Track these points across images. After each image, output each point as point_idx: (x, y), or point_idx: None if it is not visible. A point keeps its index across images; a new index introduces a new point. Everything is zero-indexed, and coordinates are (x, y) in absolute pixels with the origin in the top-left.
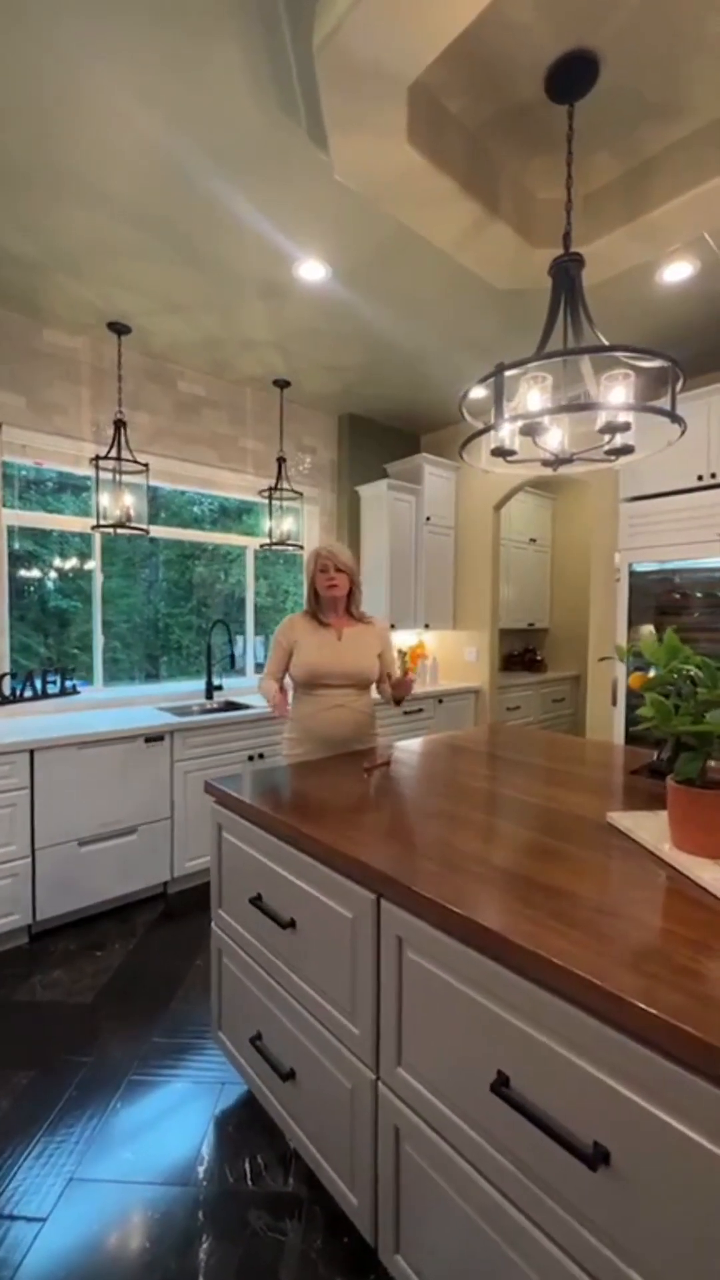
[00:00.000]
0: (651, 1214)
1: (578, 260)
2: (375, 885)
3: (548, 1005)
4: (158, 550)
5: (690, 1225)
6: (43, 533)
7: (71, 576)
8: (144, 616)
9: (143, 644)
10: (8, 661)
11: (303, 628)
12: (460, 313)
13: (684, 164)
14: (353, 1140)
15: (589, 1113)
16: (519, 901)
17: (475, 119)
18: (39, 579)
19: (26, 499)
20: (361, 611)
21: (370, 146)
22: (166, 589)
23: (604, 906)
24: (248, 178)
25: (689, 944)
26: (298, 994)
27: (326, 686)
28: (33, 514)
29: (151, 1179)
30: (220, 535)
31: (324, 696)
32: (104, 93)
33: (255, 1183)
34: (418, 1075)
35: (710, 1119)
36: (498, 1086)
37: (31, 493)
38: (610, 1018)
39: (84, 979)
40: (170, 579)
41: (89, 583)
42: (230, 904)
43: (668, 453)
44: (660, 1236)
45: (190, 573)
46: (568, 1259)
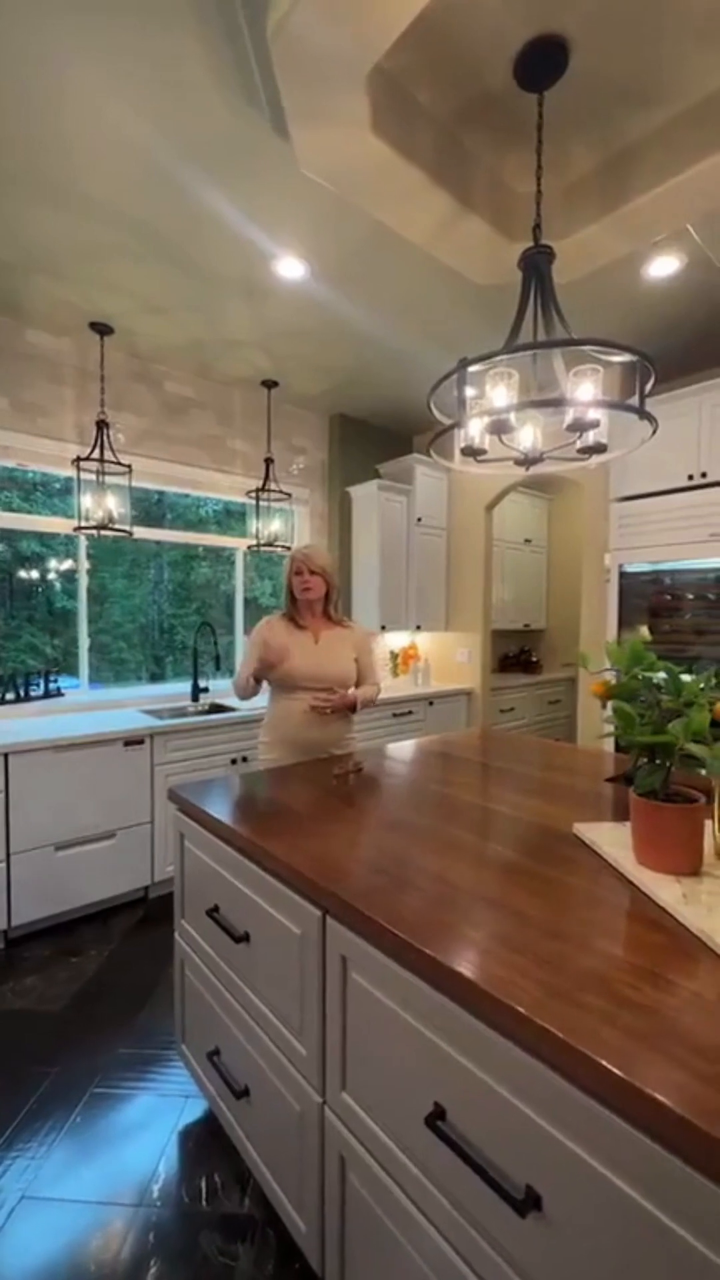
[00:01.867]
0: (581, 1264)
1: (547, 253)
2: (321, 901)
3: (482, 1037)
4: (163, 552)
5: (619, 1278)
6: (50, 535)
7: (75, 578)
8: (149, 618)
9: (148, 645)
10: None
11: (279, 629)
12: (444, 311)
13: (661, 152)
14: (301, 1165)
15: (523, 1154)
16: (464, 922)
17: (444, 109)
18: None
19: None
20: (340, 615)
21: (333, 138)
22: (172, 591)
23: (554, 928)
24: (219, 174)
25: (636, 972)
26: (252, 1010)
27: (302, 689)
28: (16, 515)
29: (104, 1198)
30: (209, 537)
31: (298, 700)
32: (76, 91)
33: (210, 1203)
34: (361, 1102)
35: (641, 1170)
36: (433, 1119)
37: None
38: (542, 1055)
39: (56, 986)
40: (175, 580)
41: (92, 582)
42: (191, 915)
43: (658, 452)
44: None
45: (194, 574)
46: None
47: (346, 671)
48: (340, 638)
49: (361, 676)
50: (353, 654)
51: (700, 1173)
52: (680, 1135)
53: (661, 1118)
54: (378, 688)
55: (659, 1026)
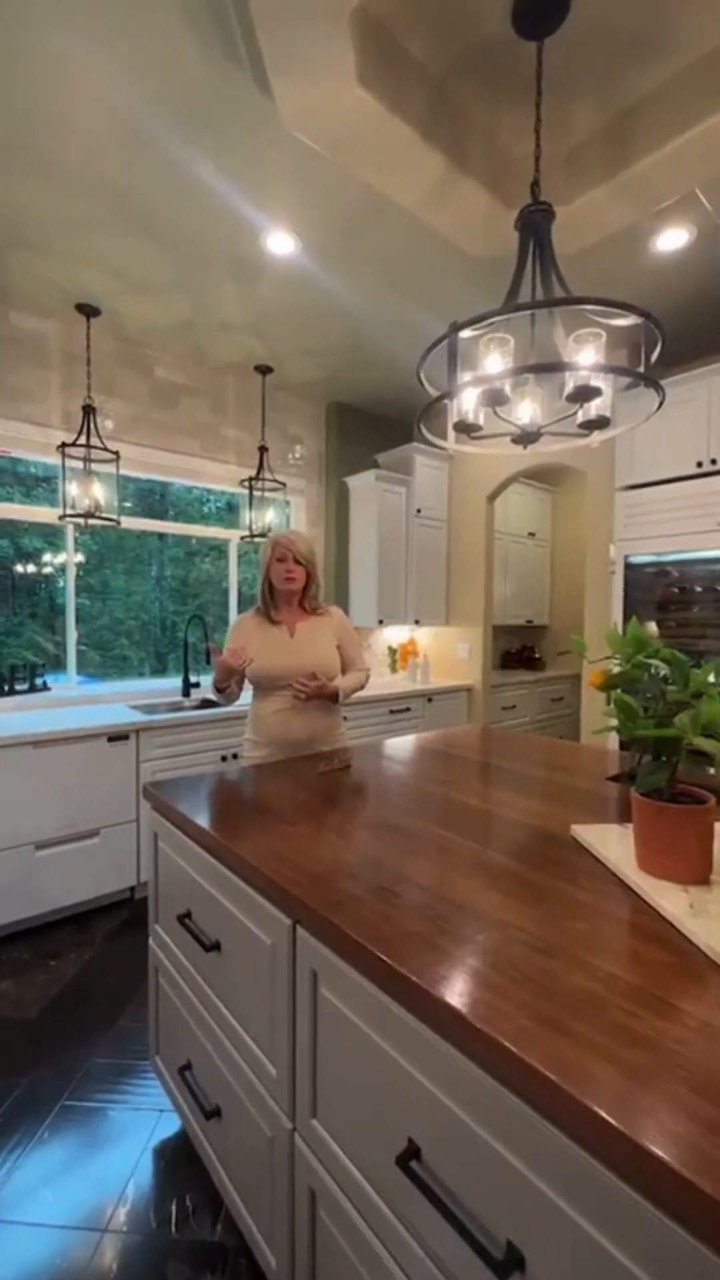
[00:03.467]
0: None
1: (546, 210)
2: (292, 909)
3: (460, 1070)
4: (165, 548)
5: None
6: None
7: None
8: (151, 615)
9: (149, 642)
10: None
11: (252, 628)
12: (440, 289)
13: (666, 110)
14: (272, 1195)
15: (505, 1206)
16: (445, 935)
17: (436, 60)
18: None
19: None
20: (316, 603)
21: (317, 89)
22: (174, 587)
23: (545, 943)
24: (201, 137)
25: (636, 996)
26: (223, 1024)
27: (281, 688)
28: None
29: (68, 1222)
30: (201, 528)
31: (280, 697)
32: (43, 46)
33: (180, 1229)
34: (333, 1131)
35: (638, 1237)
36: (405, 1159)
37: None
38: (527, 1094)
39: (32, 991)
40: (178, 577)
41: (95, 578)
42: (165, 920)
43: (664, 438)
44: None
45: (196, 571)
46: None
47: (329, 661)
48: (318, 626)
49: (346, 663)
50: (334, 641)
51: (707, 1245)
52: (683, 1199)
53: (662, 1177)
54: (365, 673)
55: (661, 1063)
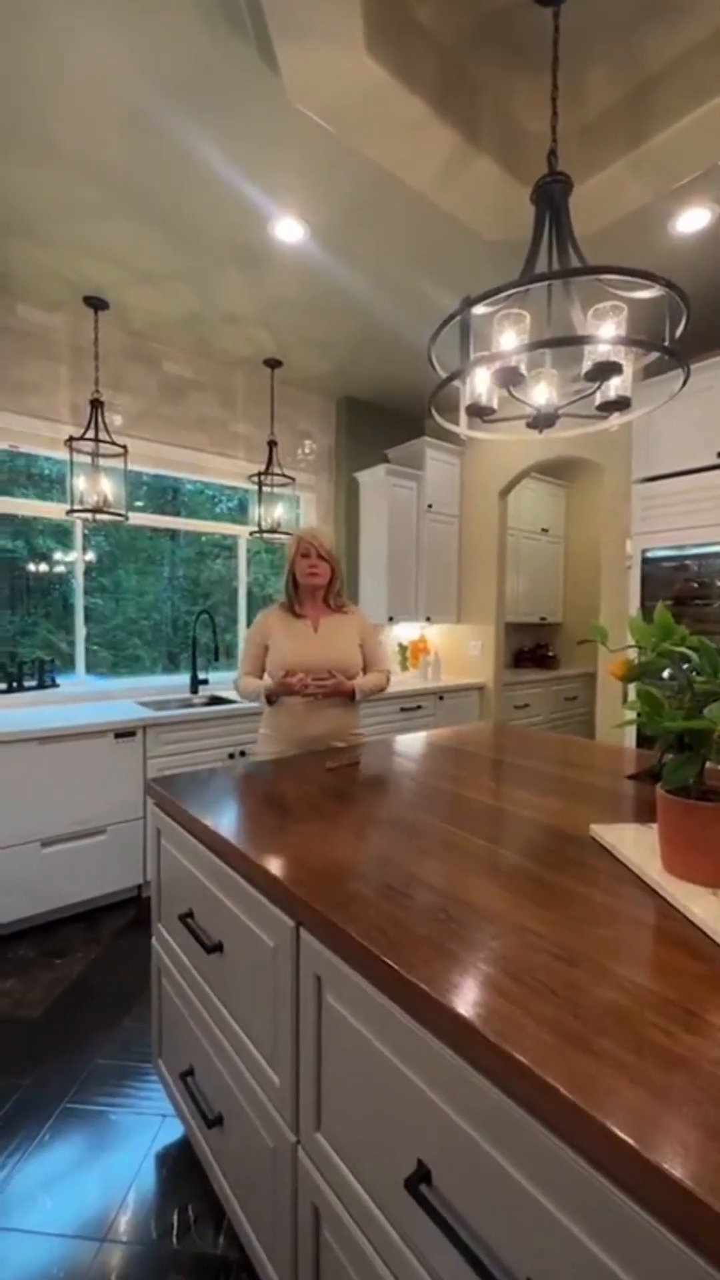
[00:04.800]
0: None
1: (563, 181)
2: (295, 911)
3: (474, 1087)
4: (177, 548)
5: None
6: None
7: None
8: (163, 614)
9: (161, 641)
10: None
11: (277, 622)
12: (452, 276)
13: (686, 79)
14: (274, 1209)
15: (524, 1240)
16: (457, 941)
17: (448, 28)
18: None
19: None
20: (341, 600)
21: (323, 59)
22: (186, 587)
23: (566, 950)
24: (205, 118)
25: (665, 1009)
26: (225, 1029)
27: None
28: (3, 499)
29: (66, 1230)
30: (210, 524)
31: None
32: (44, 26)
33: (181, 1240)
34: (337, 1146)
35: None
36: (414, 1182)
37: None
38: (546, 1116)
39: (37, 990)
40: (190, 577)
41: (108, 578)
42: (168, 919)
43: (684, 428)
44: None
45: (207, 571)
46: None
47: (351, 659)
48: (342, 624)
49: (369, 663)
50: (357, 640)
51: None
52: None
53: (697, 1215)
54: (386, 674)
55: (694, 1085)
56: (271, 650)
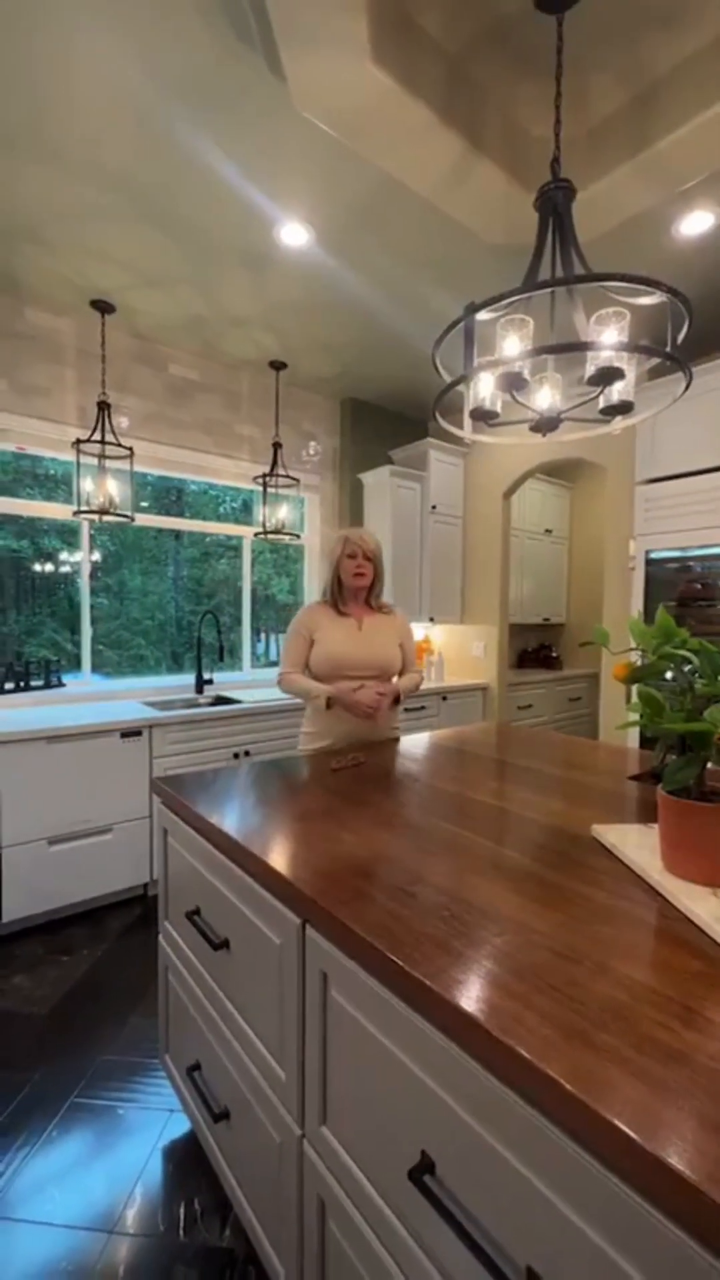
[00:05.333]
0: None
1: (566, 189)
2: (301, 908)
3: (478, 1080)
4: (181, 548)
5: None
6: (69, 528)
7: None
8: (167, 614)
9: (166, 641)
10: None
11: (323, 617)
12: (456, 280)
13: (691, 85)
14: (280, 1202)
15: (525, 1228)
16: (461, 938)
17: (453, 36)
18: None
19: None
20: (381, 602)
21: (329, 67)
22: (190, 587)
23: (568, 948)
24: (210, 122)
25: (666, 1006)
26: (231, 1025)
27: (348, 678)
28: (10, 500)
29: (74, 1222)
30: (215, 525)
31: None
32: (50, 32)
33: (188, 1233)
34: (343, 1140)
35: (669, 1268)
36: (418, 1173)
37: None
38: (548, 1109)
39: (45, 986)
40: (194, 577)
41: (112, 578)
42: (174, 916)
43: (688, 430)
44: None
45: (212, 571)
46: None
47: (392, 658)
48: (383, 624)
49: (405, 664)
50: (397, 640)
51: None
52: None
53: (699, 1207)
54: (420, 675)
55: (694, 1080)
56: (318, 645)
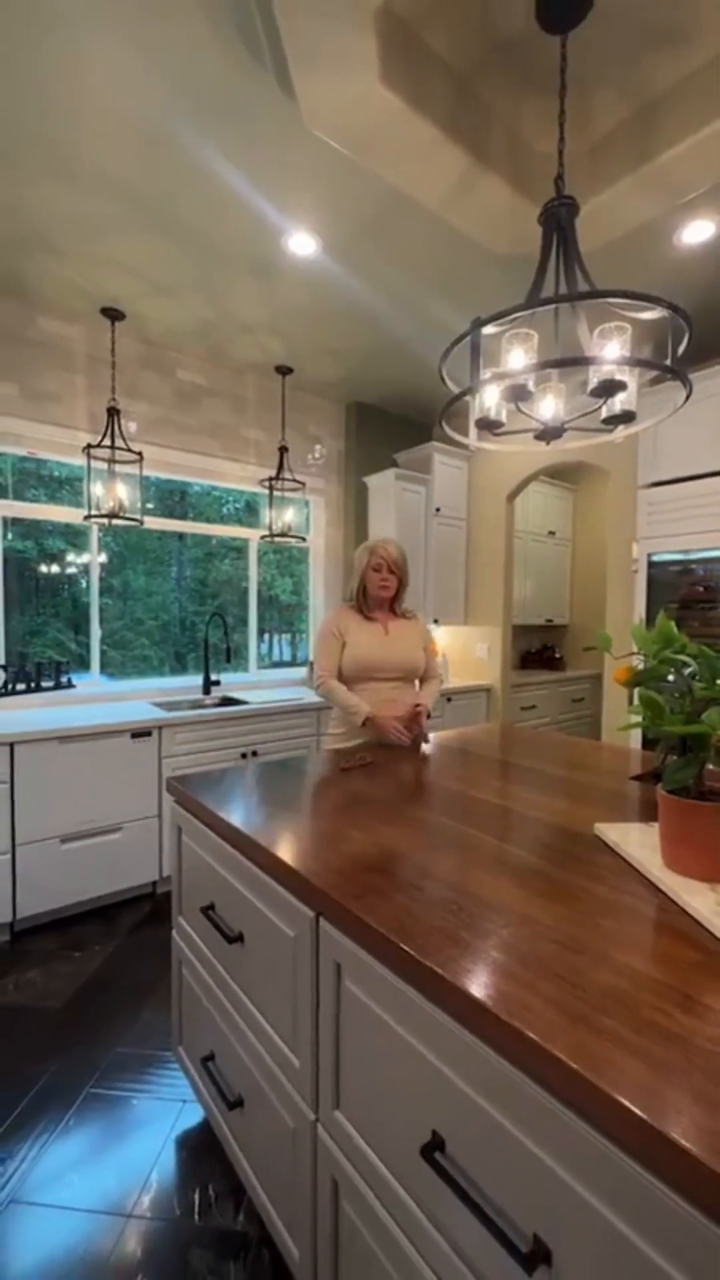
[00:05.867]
0: None
1: (570, 205)
2: (315, 902)
3: (486, 1062)
4: (184, 549)
5: None
6: (74, 529)
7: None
8: (170, 614)
9: (170, 642)
10: (1, 654)
11: (351, 621)
12: (462, 288)
13: (693, 100)
14: (294, 1185)
15: (531, 1199)
16: (469, 930)
17: (459, 55)
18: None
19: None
20: (405, 608)
21: (339, 87)
22: (193, 587)
23: (571, 940)
24: (222, 137)
25: (664, 993)
26: (245, 1015)
27: (375, 680)
28: (24, 504)
29: (93, 1206)
30: (221, 527)
31: (371, 690)
32: (66, 49)
33: (203, 1217)
34: (355, 1122)
35: (669, 1234)
36: (429, 1150)
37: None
38: (553, 1087)
39: (58, 981)
40: (197, 578)
41: (116, 579)
42: (188, 912)
43: (689, 435)
44: None
45: (215, 571)
46: None
47: (416, 661)
48: (407, 629)
49: (427, 669)
50: (421, 644)
51: None
52: (714, 1194)
53: (693, 1172)
54: (440, 681)
55: (691, 1060)
56: (348, 648)
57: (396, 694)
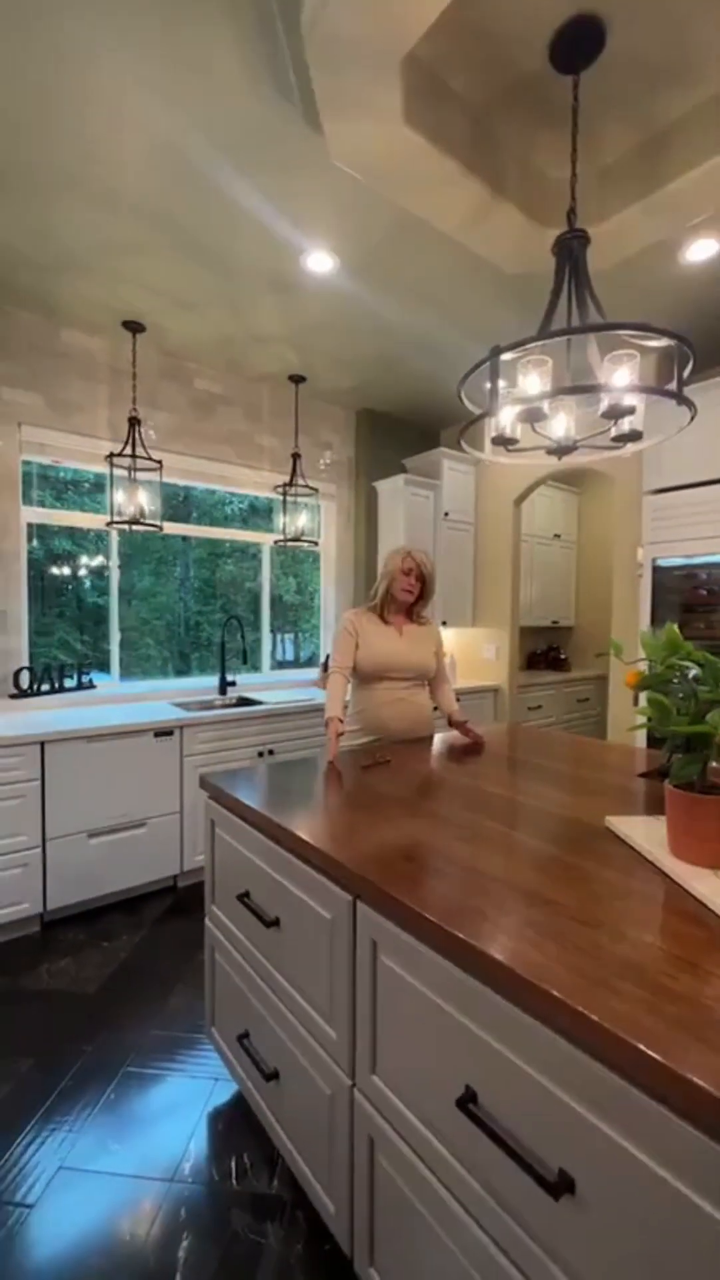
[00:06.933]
0: (615, 1246)
1: (582, 237)
2: (353, 886)
3: (516, 1021)
4: (189, 549)
5: (653, 1262)
6: (81, 532)
7: (106, 575)
8: (176, 615)
9: (175, 641)
10: (26, 656)
11: (367, 622)
12: (472, 302)
13: (699, 133)
14: (330, 1146)
15: (556, 1137)
16: (496, 909)
17: (477, 95)
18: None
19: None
20: (422, 615)
21: (366, 129)
22: (198, 588)
23: (587, 917)
24: (248, 167)
25: (672, 961)
26: (281, 994)
27: (388, 679)
28: (50, 511)
29: (138, 1172)
30: (237, 532)
31: (385, 689)
32: (101, 85)
33: (239, 1182)
34: (391, 1084)
35: (678, 1154)
36: (464, 1102)
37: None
38: (577, 1038)
39: (90, 969)
40: (201, 578)
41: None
42: (222, 900)
43: (693, 443)
44: (623, 1271)
45: (219, 571)
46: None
47: (427, 664)
48: (421, 633)
49: (439, 673)
50: (432, 649)
51: None
52: (718, 1117)
53: (699, 1100)
54: (450, 685)
55: (699, 1015)
56: (363, 648)
57: (407, 694)
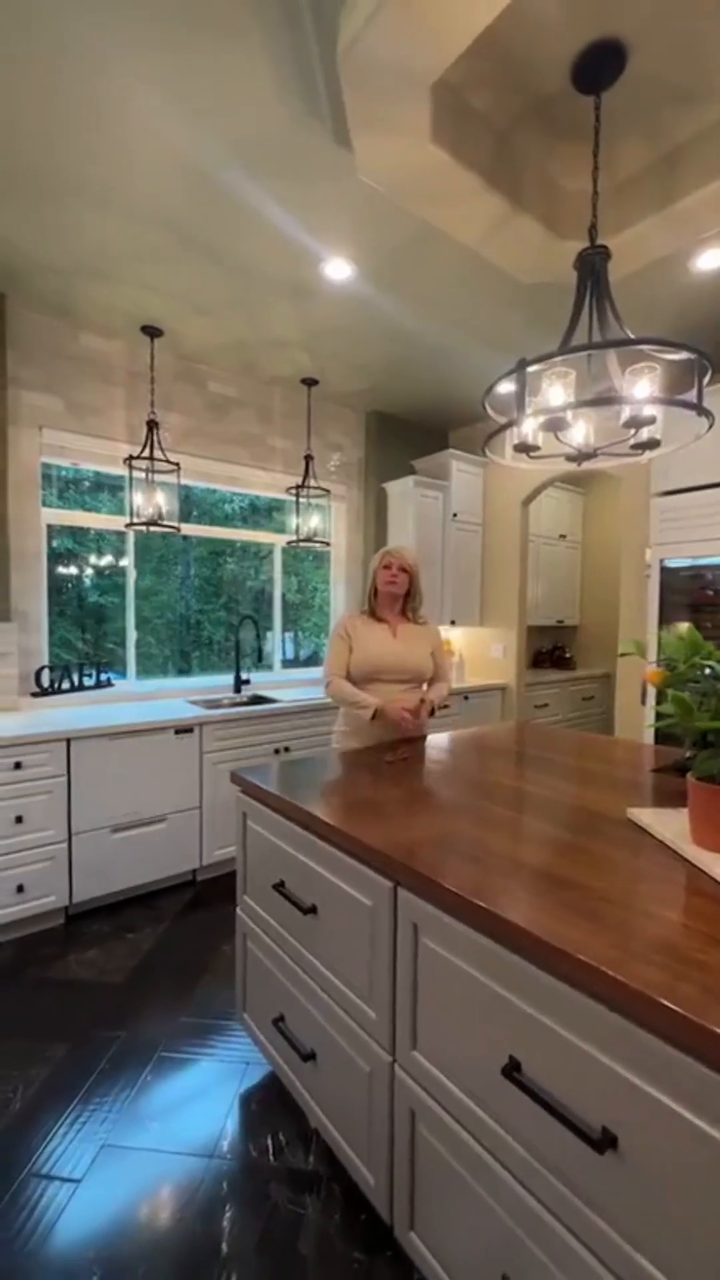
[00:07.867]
0: (658, 1198)
1: (603, 253)
2: (393, 874)
3: (558, 992)
4: (190, 548)
5: (695, 1210)
6: (82, 531)
7: (109, 574)
8: (176, 613)
9: (176, 640)
10: (47, 655)
11: (359, 624)
12: (486, 308)
13: (715, 150)
14: (370, 1120)
15: (597, 1098)
16: (533, 892)
17: (500, 114)
18: (77, 576)
19: (67, 498)
20: (417, 614)
21: (393, 146)
22: (199, 586)
23: (619, 899)
24: (272, 179)
25: (701, 937)
26: (318, 978)
27: (382, 681)
28: (70, 512)
29: (178, 1149)
30: (250, 533)
31: (380, 691)
32: (126, 96)
33: (277, 1158)
34: (433, 1059)
35: (713, 1105)
36: (509, 1071)
37: (71, 492)
38: (618, 1005)
39: (116, 959)
40: (202, 576)
41: (123, 578)
42: (255, 890)
43: (701, 446)
44: (667, 1221)
45: (221, 570)
46: (576, 1241)
47: (423, 664)
48: (417, 633)
49: (436, 673)
50: (429, 649)
51: None
52: None
53: None
54: (448, 684)
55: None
56: (356, 650)
57: (402, 698)
